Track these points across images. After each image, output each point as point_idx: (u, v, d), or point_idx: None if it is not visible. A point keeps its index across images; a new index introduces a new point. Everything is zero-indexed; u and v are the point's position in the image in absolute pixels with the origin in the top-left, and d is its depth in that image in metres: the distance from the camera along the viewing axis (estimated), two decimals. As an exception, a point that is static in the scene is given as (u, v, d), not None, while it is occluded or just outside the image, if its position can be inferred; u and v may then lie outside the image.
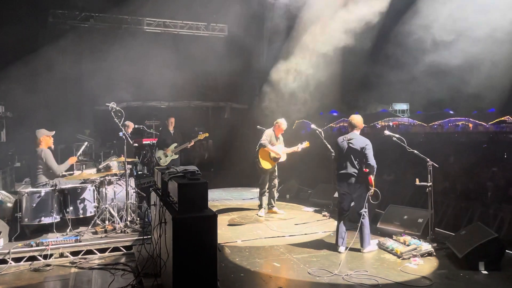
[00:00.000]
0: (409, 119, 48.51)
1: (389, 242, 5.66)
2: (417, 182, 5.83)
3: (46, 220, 5.71)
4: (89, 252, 5.47)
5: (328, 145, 7.69)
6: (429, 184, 5.71)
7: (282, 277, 4.82)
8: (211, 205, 4.22)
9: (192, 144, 9.11)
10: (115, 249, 5.58)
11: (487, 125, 40.48)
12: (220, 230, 4.05)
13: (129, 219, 6.20)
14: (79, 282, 4.65)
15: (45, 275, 4.84)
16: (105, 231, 5.88)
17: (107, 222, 6.16)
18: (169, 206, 4.03)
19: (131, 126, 8.96)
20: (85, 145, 7.13)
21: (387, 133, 6.01)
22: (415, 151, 5.85)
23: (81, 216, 6.08)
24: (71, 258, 5.33)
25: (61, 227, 5.85)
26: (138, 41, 13.63)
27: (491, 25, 8.31)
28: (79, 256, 5.40)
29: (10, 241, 5.50)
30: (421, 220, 6.07)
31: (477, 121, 42.36)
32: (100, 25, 13.51)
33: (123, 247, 5.62)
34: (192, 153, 13.90)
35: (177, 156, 9.10)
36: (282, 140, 7.79)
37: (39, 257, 5.22)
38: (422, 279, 4.62)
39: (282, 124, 7.70)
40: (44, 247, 5.25)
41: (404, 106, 53.46)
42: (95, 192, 6.25)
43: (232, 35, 14.43)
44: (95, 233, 5.87)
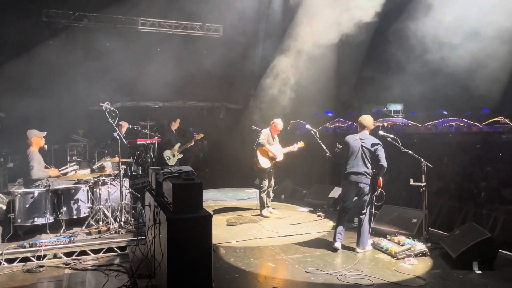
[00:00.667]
0: (404, 119, 48.70)
1: (383, 242, 5.67)
2: (412, 182, 5.86)
3: (39, 221, 5.66)
4: (83, 253, 5.43)
5: (323, 146, 7.71)
6: (423, 184, 5.74)
7: (277, 277, 4.82)
8: (206, 205, 4.21)
9: (192, 144, 9.49)
10: (109, 250, 5.54)
11: (480, 125, 40.76)
12: (215, 230, 4.05)
13: (123, 219, 6.16)
14: (73, 283, 4.62)
15: (38, 276, 4.80)
16: (99, 232, 5.84)
17: (101, 222, 6.11)
18: (163, 206, 4.01)
19: (125, 126, 8.94)
20: (98, 165, 6.94)
21: (381, 133, 6.02)
22: (410, 151, 5.87)
23: (75, 216, 6.03)
24: (65, 259, 5.29)
25: (54, 228, 5.80)
26: (132, 41, 13.59)
27: (489, 25, 8.37)
28: (73, 257, 5.35)
29: (3, 242, 5.45)
30: (415, 220, 6.10)
31: (470, 121, 42.64)
32: (94, 25, 13.45)
33: (117, 248, 5.58)
34: (187, 153, 13.87)
35: (182, 155, 9.49)
36: (277, 140, 7.79)
37: (32, 258, 5.17)
38: (416, 279, 4.64)
39: (278, 124, 7.71)
40: (37, 248, 5.20)
41: (398, 106, 53.63)
42: (89, 192, 6.21)
43: (227, 35, 14.42)
44: (89, 234, 5.83)
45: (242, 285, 4.60)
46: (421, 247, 5.39)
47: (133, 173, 8.97)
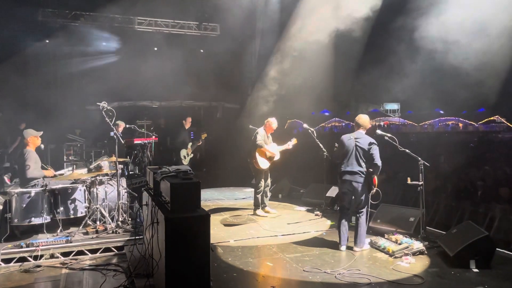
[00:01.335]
0: (400, 118, 48.84)
1: (381, 241, 5.69)
2: (409, 181, 5.88)
3: (36, 220, 5.64)
4: (80, 252, 5.42)
5: (320, 145, 7.70)
6: (420, 183, 5.75)
7: (275, 277, 4.82)
8: (203, 205, 4.20)
9: (200, 143, 10.05)
10: (107, 250, 5.53)
11: (476, 124, 40.95)
12: (212, 230, 4.04)
13: (120, 219, 6.16)
14: (70, 283, 4.61)
15: (35, 276, 4.78)
16: (96, 232, 5.84)
17: (98, 222, 6.09)
18: (161, 206, 4.00)
19: (121, 125, 8.91)
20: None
21: (379, 132, 6.03)
22: (407, 150, 5.88)
23: (72, 216, 6.02)
24: (62, 259, 5.28)
25: (51, 227, 5.78)
26: (129, 40, 13.55)
27: (488, 24, 8.39)
28: (70, 257, 5.34)
29: (-1, 242, 5.44)
30: (412, 219, 6.11)
31: (467, 120, 42.81)
32: (90, 24, 13.40)
33: (115, 247, 5.57)
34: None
35: (193, 154, 10.03)
36: (271, 138, 7.78)
37: (29, 258, 5.16)
38: (414, 278, 4.65)
39: (272, 123, 7.70)
40: (34, 248, 5.18)
41: (395, 106, 53.79)
42: (86, 192, 6.19)
43: (224, 34, 14.40)
44: (86, 233, 5.81)
45: (240, 284, 4.60)
46: (418, 245, 5.40)
47: (130, 172, 8.96)
